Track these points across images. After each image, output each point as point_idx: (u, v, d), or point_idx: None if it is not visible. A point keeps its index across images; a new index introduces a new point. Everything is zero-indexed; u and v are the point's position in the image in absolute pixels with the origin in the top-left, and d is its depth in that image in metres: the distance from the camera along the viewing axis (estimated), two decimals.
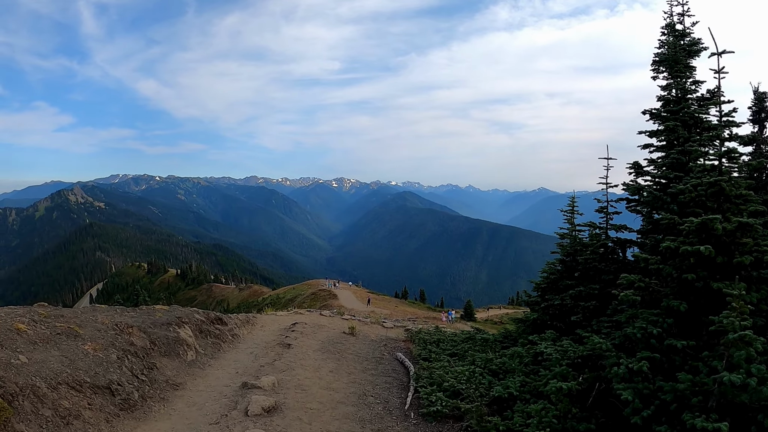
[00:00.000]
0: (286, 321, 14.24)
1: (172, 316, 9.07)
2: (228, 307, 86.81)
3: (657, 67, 10.23)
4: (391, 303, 62.74)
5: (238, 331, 11.28)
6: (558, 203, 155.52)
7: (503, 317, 66.64)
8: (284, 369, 8.30)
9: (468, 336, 10.68)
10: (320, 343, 11.09)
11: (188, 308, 10.45)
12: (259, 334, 11.98)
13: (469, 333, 11.59)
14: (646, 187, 8.56)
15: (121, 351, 6.78)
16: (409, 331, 14.87)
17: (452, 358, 8.63)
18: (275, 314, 16.13)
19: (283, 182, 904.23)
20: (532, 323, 8.82)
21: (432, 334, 11.99)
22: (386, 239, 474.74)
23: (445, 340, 10.51)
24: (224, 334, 10.21)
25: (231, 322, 11.45)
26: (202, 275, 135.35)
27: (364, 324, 15.39)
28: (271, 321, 14.12)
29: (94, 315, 7.76)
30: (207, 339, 9.44)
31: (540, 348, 6.39)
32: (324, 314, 16.81)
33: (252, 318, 13.44)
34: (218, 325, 10.51)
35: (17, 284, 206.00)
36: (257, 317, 14.32)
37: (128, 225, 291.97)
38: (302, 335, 11.47)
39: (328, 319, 15.92)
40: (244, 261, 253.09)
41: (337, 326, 13.98)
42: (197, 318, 9.83)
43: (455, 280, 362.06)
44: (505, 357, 6.82)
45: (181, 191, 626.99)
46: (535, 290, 9.62)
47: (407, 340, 12.05)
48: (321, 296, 59.96)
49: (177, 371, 7.52)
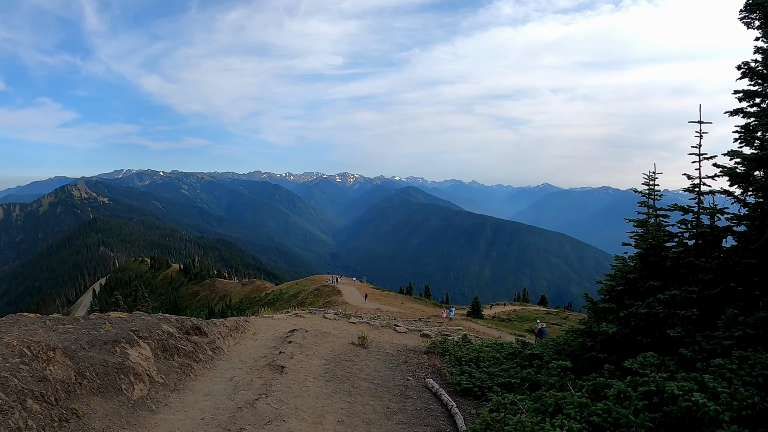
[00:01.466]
0: (283, 326, 12.05)
1: (124, 330, 6.71)
2: (230, 303, 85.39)
3: (750, 11, 8.05)
4: (397, 299, 60.80)
5: (222, 343, 9.02)
6: (562, 199, 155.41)
7: (510, 314, 64.66)
8: (269, 417, 5.73)
9: (512, 351, 8.39)
10: (323, 362, 8.69)
11: (157, 316, 8.12)
12: (248, 345, 9.82)
13: (507, 345, 9.36)
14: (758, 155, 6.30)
15: (18, 394, 4.24)
16: (428, 337, 12.77)
17: (507, 392, 6.28)
18: (272, 317, 13.93)
19: (286, 177, 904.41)
20: (608, 339, 6.62)
21: (462, 346, 9.76)
22: (390, 234, 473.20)
23: (484, 358, 8.19)
24: (200, 350, 7.93)
25: (213, 331, 9.24)
26: (205, 270, 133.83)
27: (374, 328, 13.24)
28: (265, 326, 11.91)
29: (9, 329, 5.53)
30: (173, 360, 7.05)
31: (670, 388, 4.18)
32: (327, 317, 14.66)
33: (243, 323, 11.14)
34: (195, 337, 8.30)
35: (21, 279, 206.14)
36: (250, 322, 12.07)
37: (132, 220, 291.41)
38: (301, 349, 9.27)
39: (332, 323, 13.75)
40: (247, 256, 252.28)
41: (343, 333, 11.89)
42: (163, 330, 7.51)
43: (459, 276, 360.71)
44: (607, 402, 4.59)
45: (185, 186, 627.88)
46: (604, 293, 7.34)
47: (431, 352, 9.78)
48: (324, 292, 58.00)
49: (111, 420, 4.96)
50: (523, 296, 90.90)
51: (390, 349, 10.43)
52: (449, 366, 8.45)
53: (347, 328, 12.71)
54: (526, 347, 8.35)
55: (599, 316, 6.98)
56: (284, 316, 13.82)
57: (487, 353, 8.34)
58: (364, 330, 11.80)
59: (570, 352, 7.26)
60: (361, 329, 11.83)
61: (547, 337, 27.57)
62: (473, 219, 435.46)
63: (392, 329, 13.59)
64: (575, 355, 7.08)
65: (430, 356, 9.54)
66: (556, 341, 8.37)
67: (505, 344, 9.59)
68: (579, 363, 6.78)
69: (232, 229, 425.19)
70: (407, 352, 10.22)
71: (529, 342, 9.54)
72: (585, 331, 7.30)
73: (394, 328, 13.67)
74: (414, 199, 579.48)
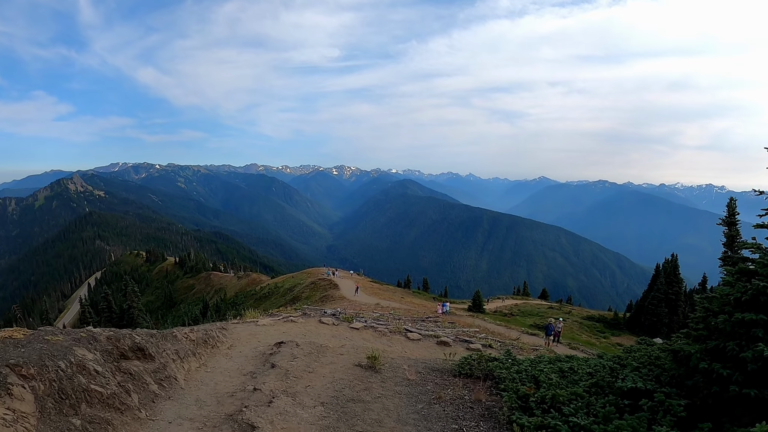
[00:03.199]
0: (269, 336, 9.60)
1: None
2: (225, 297, 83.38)
3: None
4: (396, 293, 58.60)
5: (177, 369, 6.34)
6: (559, 192, 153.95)
7: (512, 308, 62.77)
8: None
9: (594, 381, 5.70)
10: (319, 410, 5.77)
11: (78, 333, 5.36)
12: (218, 368, 7.27)
13: (577, 364, 6.89)
14: None
15: None
16: (447, 345, 10.50)
17: None
18: (256, 322, 11.37)
19: (283, 170, 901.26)
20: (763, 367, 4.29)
21: (510, 368, 7.09)
22: (387, 227, 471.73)
23: (561, 396, 5.54)
24: (137, 386, 5.27)
25: (167, 350, 6.57)
26: (201, 263, 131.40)
27: (381, 335, 10.82)
28: (247, 336, 9.46)
29: None
30: (75, 414, 4.27)
31: None
32: (325, 321, 12.22)
33: (217, 333, 8.65)
34: (135, 363, 5.67)
35: (17, 274, 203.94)
36: (227, 330, 9.58)
37: (128, 213, 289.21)
38: (286, 381, 6.52)
39: (330, 329, 11.33)
40: (244, 249, 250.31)
41: (346, 346, 9.30)
42: (72, 360, 4.74)
43: (455, 269, 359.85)
44: None
45: (182, 179, 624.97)
46: (739, 294, 4.87)
47: (465, 375, 7.21)
48: (321, 286, 55.62)
49: None
50: (524, 290, 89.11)
51: (410, 370, 7.87)
52: (510, 408, 5.70)
53: (350, 336, 10.32)
54: (615, 374, 5.90)
55: (737, 330, 4.66)
56: (272, 321, 11.34)
57: (556, 381, 5.89)
58: (369, 338, 9.47)
59: (676, 381, 4.96)
60: (367, 338, 9.52)
61: (556, 330, 25.53)
62: (470, 212, 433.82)
63: (403, 335, 11.24)
64: (692, 387, 4.79)
65: (468, 383, 7.05)
66: (650, 360, 6.05)
67: (573, 364, 7.03)
68: (699, 398, 4.52)
69: (228, 222, 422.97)
70: (434, 376, 7.65)
71: (611, 360, 7.07)
72: (710, 351, 4.91)
73: (405, 335, 11.34)
74: (411, 191, 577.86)
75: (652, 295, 54.21)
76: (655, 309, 53.04)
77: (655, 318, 52.92)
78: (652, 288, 56.02)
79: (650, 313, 53.32)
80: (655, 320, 52.89)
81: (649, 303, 53.98)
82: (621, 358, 6.85)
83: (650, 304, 53.64)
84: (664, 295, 53.62)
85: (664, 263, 58.15)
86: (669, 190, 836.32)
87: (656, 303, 53.23)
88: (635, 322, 55.39)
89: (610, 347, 43.72)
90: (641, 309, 55.82)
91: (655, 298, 53.46)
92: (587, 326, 54.70)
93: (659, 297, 53.38)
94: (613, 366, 6.13)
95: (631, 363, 5.99)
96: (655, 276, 57.36)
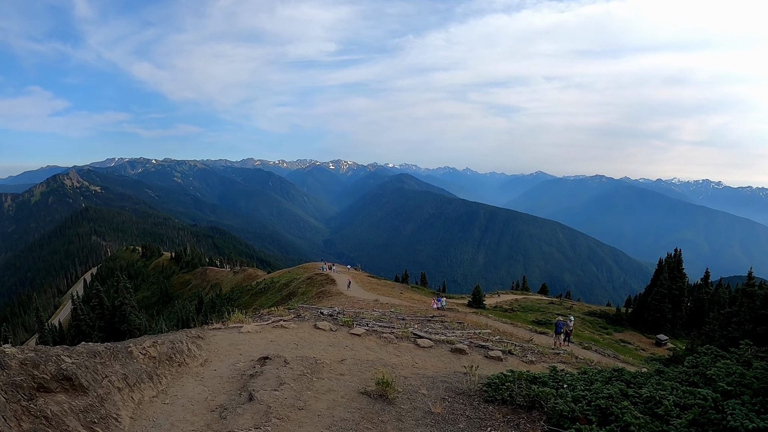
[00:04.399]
0: (254, 347, 8.14)
1: None
2: (221, 292, 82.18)
3: None
4: (395, 289, 57.26)
5: (120, 403, 4.70)
6: (555, 187, 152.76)
7: (513, 304, 61.52)
8: None
9: (691, 420, 3.85)
10: None
11: None
12: (179, 399, 5.58)
13: (665, 392, 4.83)
14: None
15: None
16: (463, 353, 9.08)
17: None
18: (239, 329, 9.60)
19: (280, 164, 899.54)
20: None
21: (569, 395, 5.31)
22: (383, 221, 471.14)
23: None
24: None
25: (110, 377, 4.90)
26: (197, 258, 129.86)
27: (387, 343, 9.30)
28: (227, 347, 7.98)
29: None
30: None
31: None
32: (321, 326, 10.66)
33: (189, 347, 7.03)
34: (59, 397, 4.03)
35: (14, 270, 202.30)
36: (204, 339, 8.12)
37: (124, 208, 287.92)
38: (268, 422, 4.82)
39: (327, 336, 9.81)
40: (240, 244, 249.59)
41: (347, 361, 7.64)
42: None
43: (452, 263, 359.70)
44: None
45: (178, 174, 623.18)
46: None
47: (502, 401, 5.77)
48: (317, 281, 54.16)
49: None
50: (523, 285, 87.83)
51: (430, 396, 6.28)
52: None
53: (350, 344, 8.80)
54: (718, 406, 4.34)
55: None
56: (258, 327, 9.71)
57: (632, 414, 4.32)
58: (374, 347, 8.01)
59: None
60: (370, 347, 8.08)
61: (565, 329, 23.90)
62: (467, 206, 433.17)
63: (412, 342, 9.73)
64: None
65: (510, 416, 5.46)
66: (743, 380, 4.61)
67: (641, 384, 5.36)
68: None
69: (225, 217, 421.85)
70: (462, 404, 6.01)
71: (683, 380, 5.56)
72: None
73: (414, 341, 9.81)
74: (407, 186, 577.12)
75: (656, 290, 52.93)
76: (658, 305, 51.78)
77: (659, 314, 51.69)
78: (655, 283, 54.74)
79: (653, 308, 52.05)
80: (659, 316, 51.66)
81: (652, 298, 52.69)
82: (700, 374, 5.41)
83: (653, 299, 52.34)
84: (667, 290, 52.39)
85: (666, 258, 56.91)
86: (666, 185, 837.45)
87: (660, 298, 51.97)
88: (638, 318, 54.13)
89: (614, 344, 42.61)
90: (644, 304, 54.54)
91: (658, 294, 52.19)
92: (589, 322, 53.49)
93: (662, 292, 52.14)
94: (708, 394, 4.62)
95: (721, 385, 4.57)
96: (658, 271, 56.09)
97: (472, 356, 9.40)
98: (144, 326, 42.53)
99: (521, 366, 9.98)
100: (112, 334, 39.80)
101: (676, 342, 48.22)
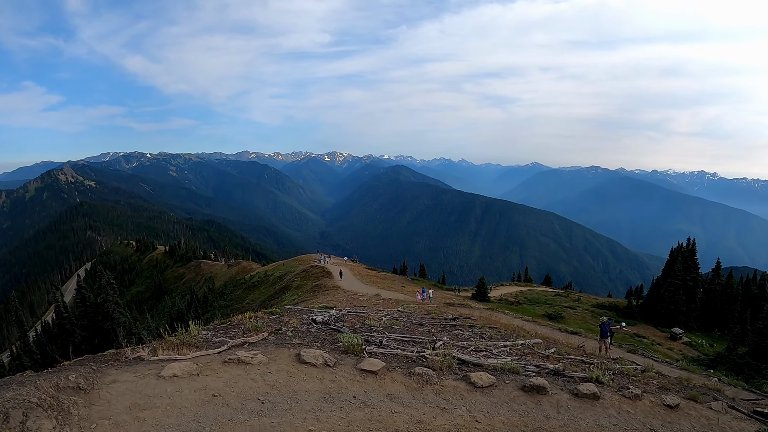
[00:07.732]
0: (171, 419, 4.96)
1: None
2: (214, 286, 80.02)
3: None
4: (395, 282, 54.87)
5: None
6: (551, 178, 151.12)
7: (518, 296, 59.42)
8: None
9: None
10: None
11: None
12: None
13: None
14: None
15: None
16: (543, 395, 6.18)
17: None
18: (162, 367, 6.21)
19: (275, 157, 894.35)
20: None
21: None
22: (379, 213, 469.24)
23: None
24: None
25: None
26: (191, 252, 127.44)
27: (421, 384, 6.63)
28: (122, 420, 4.77)
29: None
30: None
31: None
32: (309, 360, 7.05)
33: (37, 423, 3.91)
34: None
35: (9, 266, 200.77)
36: (88, 393, 5.16)
37: (119, 203, 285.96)
38: None
39: (319, 380, 6.49)
40: (236, 236, 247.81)
41: None
42: None
43: (448, 254, 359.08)
44: None
45: (173, 168, 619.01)
46: None
47: None
48: (313, 274, 51.66)
49: None
50: (526, 276, 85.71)
51: None
52: None
53: (362, 396, 6.13)
54: None
55: None
56: (196, 365, 6.35)
57: None
58: (404, 400, 5.24)
59: None
60: (396, 395, 5.37)
61: None
62: (462, 197, 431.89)
63: (462, 380, 7.19)
64: None
65: None
66: None
67: None
68: None
69: (220, 210, 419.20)
70: None
71: None
72: None
73: (465, 377, 7.25)
74: (403, 177, 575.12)
75: (669, 281, 50.66)
76: (672, 296, 49.40)
77: (673, 306, 49.37)
78: (668, 274, 52.48)
79: (668, 300, 49.66)
80: (673, 308, 49.34)
81: (665, 290, 50.40)
82: None
83: (667, 291, 50.00)
84: (681, 281, 50.14)
85: (678, 247, 54.76)
86: (661, 176, 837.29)
87: (674, 290, 49.63)
88: (650, 311, 51.89)
89: (627, 338, 40.50)
90: (656, 296, 52.28)
91: (672, 285, 49.86)
92: (599, 315, 51.43)
93: (677, 284, 49.84)
94: None
95: None
96: (671, 261, 53.81)
97: (556, 396, 6.90)
98: (129, 324, 39.91)
99: (626, 405, 7.32)
100: (95, 332, 37.31)
101: (691, 336, 46.13)
